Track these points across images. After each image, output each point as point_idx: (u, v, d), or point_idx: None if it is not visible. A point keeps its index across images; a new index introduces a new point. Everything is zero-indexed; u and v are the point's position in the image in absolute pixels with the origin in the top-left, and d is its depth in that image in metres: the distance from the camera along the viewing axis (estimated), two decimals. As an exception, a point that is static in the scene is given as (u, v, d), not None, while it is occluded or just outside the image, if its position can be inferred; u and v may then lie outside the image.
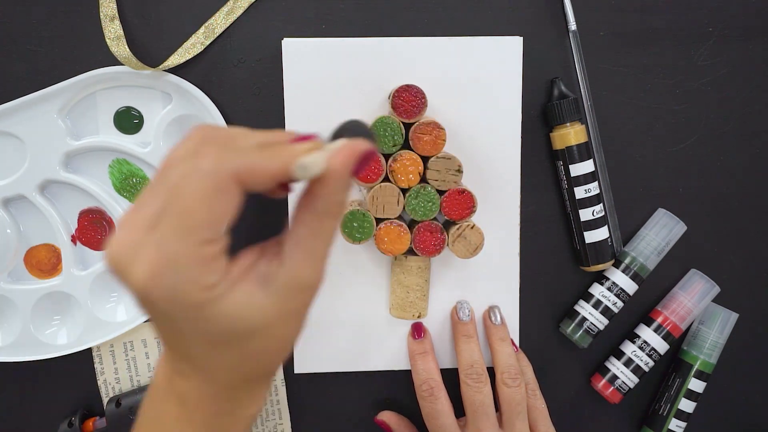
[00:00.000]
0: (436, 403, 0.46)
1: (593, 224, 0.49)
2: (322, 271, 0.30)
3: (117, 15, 0.47)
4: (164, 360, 0.31)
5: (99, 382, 0.51)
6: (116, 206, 0.49)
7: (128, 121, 0.49)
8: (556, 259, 0.51)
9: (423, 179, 0.46)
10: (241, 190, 0.28)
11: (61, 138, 0.48)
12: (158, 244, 0.26)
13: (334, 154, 0.29)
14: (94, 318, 0.50)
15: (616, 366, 0.51)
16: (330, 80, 0.47)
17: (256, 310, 0.28)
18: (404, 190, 0.46)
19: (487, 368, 0.48)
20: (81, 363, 0.51)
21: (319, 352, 0.50)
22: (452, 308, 0.50)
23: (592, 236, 0.49)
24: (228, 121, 0.48)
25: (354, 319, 0.50)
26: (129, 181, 0.50)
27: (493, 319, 0.49)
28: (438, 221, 0.46)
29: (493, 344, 0.49)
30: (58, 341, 0.50)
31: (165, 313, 0.27)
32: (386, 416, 0.51)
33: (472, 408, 0.46)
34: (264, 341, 0.29)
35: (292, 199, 0.48)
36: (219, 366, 0.29)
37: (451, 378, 0.48)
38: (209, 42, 0.48)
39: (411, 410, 0.52)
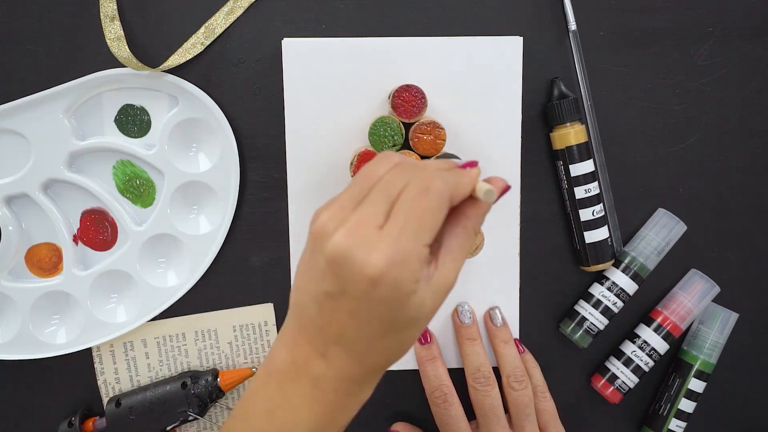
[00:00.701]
0: (450, 410, 0.46)
1: (593, 224, 0.49)
2: (457, 277, 0.35)
3: (117, 15, 0.47)
4: (301, 347, 0.35)
5: (99, 382, 0.51)
6: (119, 207, 0.49)
7: (132, 120, 0.49)
8: (556, 259, 0.51)
9: (423, 179, 0.46)
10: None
11: (66, 138, 0.48)
12: (396, 241, 0.31)
13: (496, 186, 0.36)
14: (93, 318, 0.50)
15: (616, 366, 0.50)
16: (330, 80, 0.47)
17: (426, 305, 0.33)
18: (404, 190, 0.46)
19: (493, 368, 0.48)
20: (81, 363, 0.51)
21: (319, 352, 0.50)
22: (453, 311, 0.50)
23: (592, 236, 0.49)
24: (230, 122, 0.48)
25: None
26: (132, 182, 0.50)
27: (494, 321, 0.49)
28: (438, 221, 0.46)
29: (496, 347, 0.49)
30: (56, 341, 0.50)
31: (380, 298, 0.32)
32: (400, 427, 0.51)
33: (482, 411, 0.46)
34: (415, 332, 0.34)
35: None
36: (376, 350, 0.34)
37: (457, 378, 0.48)
38: (209, 42, 0.48)
39: (412, 410, 0.52)
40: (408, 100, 0.45)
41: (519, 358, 0.48)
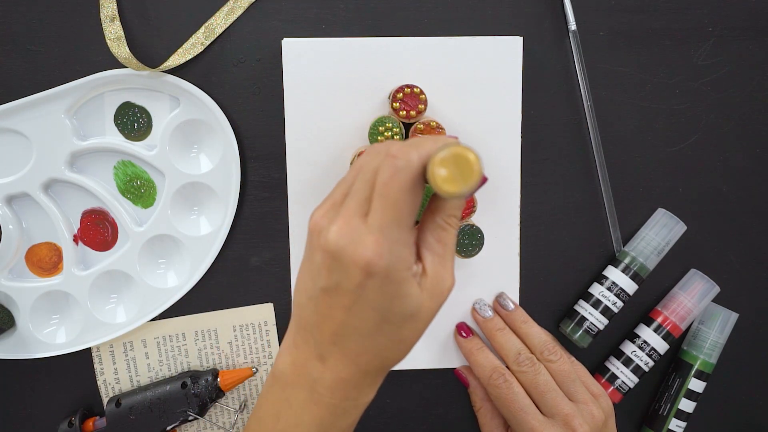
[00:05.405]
0: (513, 386, 0.46)
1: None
2: (449, 274, 0.35)
3: (117, 15, 0.47)
4: (300, 349, 0.36)
5: (99, 382, 0.51)
6: (119, 207, 0.49)
7: (131, 121, 0.49)
8: (556, 258, 0.51)
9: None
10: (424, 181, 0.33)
11: (67, 138, 0.48)
12: (379, 230, 0.31)
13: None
14: (92, 318, 0.50)
15: (616, 366, 0.50)
16: (330, 80, 0.47)
17: (422, 301, 0.34)
18: (404, 190, 0.46)
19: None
20: (81, 363, 0.51)
21: (319, 352, 0.50)
22: (471, 311, 0.50)
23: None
24: (230, 122, 0.48)
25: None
26: (133, 183, 0.50)
27: (506, 307, 0.49)
28: (438, 221, 0.46)
29: (518, 329, 0.49)
30: (56, 340, 0.50)
31: (373, 287, 0.32)
32: (464, 370, 0.51)
33: (537, 390, 0.46)
34: (409, 331, 0.34)
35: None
36: (371, 348, 0.34)
37: (455, 377, 0.48)
38: (209, 42, 0.48)
39: (412, 410, 0.52)
40: (408, 100, 0.45)
41: (543, 332, 0.48)
